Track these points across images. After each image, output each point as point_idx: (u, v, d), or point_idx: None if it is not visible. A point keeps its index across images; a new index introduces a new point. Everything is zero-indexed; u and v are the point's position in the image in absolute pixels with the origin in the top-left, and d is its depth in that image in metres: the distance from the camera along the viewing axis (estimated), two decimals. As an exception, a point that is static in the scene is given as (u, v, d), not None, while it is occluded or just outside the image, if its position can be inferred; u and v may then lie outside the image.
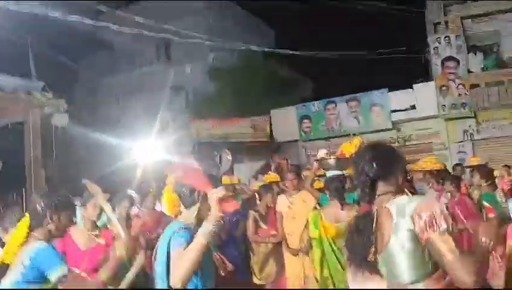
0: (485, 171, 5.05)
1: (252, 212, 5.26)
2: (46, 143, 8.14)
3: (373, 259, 1.77)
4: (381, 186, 1.88)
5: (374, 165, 1.89)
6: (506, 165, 5.80)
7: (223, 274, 3.67)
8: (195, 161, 9.73)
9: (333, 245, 4.08)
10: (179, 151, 10.92)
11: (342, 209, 4.15)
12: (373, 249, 1.77)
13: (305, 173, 6.61)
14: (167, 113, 12.90)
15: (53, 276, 2.28)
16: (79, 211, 4.75)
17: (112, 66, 15.74)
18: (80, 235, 3.45)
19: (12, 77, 7.76)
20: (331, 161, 5.23)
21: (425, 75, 11.54)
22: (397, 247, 1.72)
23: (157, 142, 9.86)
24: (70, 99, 10.29)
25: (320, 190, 5.06)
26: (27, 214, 2.45)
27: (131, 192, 6.31)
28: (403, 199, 1.82)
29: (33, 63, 9.17)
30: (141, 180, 7.25)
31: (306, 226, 4.89)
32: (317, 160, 5.16)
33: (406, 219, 1.72)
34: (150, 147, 9.64)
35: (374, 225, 1.79)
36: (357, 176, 1.95)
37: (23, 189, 7.47)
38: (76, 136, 10.24)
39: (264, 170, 10.00)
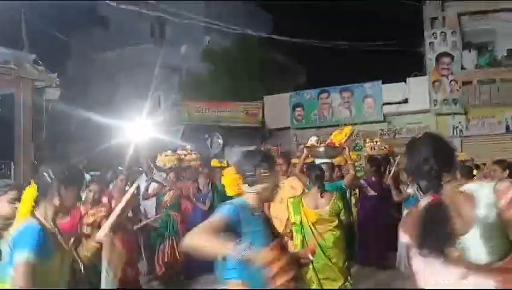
0: (465, 170, 5.06)
1: None
2: (37, 116, 8.08)
3: (453, 245, 1.83)
4: (445, 177, 1.94)
5: (439, 157, 1.94)
6: (500, 161, 5.05)
7: None
8: (185, 142, 9.76)
9: (313, 230, 4.21)
10: (169, 131, 10.92)
11: (322, 197, 4.28)
12: (453, 235, 1.83)
13: (294, 160, 6.70)
14: (159, 93, 12.84)
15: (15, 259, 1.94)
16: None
17: (106, 42, 15.54)
18: None
19: (4, 48, 7.66)
20: (321, 149, 5.31)
21: (419, 69, 11.61)
22: (480, 228, 1.79)
23: (148, 121, 9.85)
24: (63, 74, 10.20)
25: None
26: (34, 184, 2.14)
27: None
28: (474, 184, 1.89)
29: (26, 36, 9.04)
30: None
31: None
32: (307, 147, 5.22)
33: (486, 200, 1.78)
34: (141, 126, 9.63)
35: (448, 212, 1.85)
36: (418, 167, 1.97)
37: (11, 162, 7.43)
38: (67, 111, 10.16)
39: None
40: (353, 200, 6.75)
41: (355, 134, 11.86)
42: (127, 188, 5.28)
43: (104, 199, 4.64)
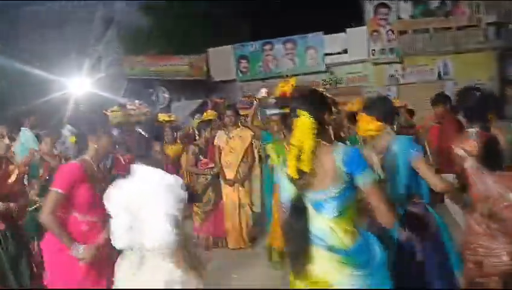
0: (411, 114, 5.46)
1: (191, 146, 5.50)
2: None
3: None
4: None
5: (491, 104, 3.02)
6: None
7: None
8: (129, 97, 9.57)
9: None
10: (112, 87, 10.59)
11: None
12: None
13: (244, 111, 6.87)
14: (98, 48, 12.25)
15: None
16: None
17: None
18: None
19: None
20: (271, 100, 5.50)
21: (359, 20, 11.91)
22: None
23: (88, 77, 9.50)
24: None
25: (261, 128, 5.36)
26: None
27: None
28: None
29: None
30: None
31: (243, 159, 5.28)
32: (259, 98, 5.38)
33: None
34: (82, 82, 9.29)
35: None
36: (477, 112, 2.92)
37: None
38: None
39: (202, 108, 10.10)
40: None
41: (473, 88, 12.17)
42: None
43: None
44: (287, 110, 6.05)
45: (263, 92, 5.57)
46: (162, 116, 8.08)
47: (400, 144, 2.60)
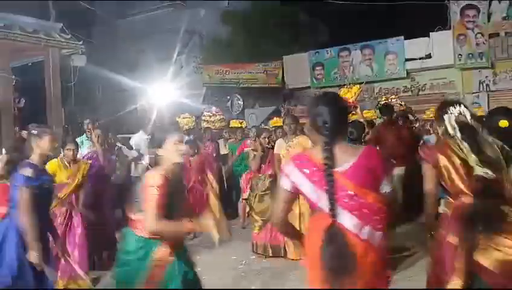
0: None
1: (258, 152, 5.64)
2: (65, 83, 8.53)
3: None
4: None
5: None
6: None
7: None
8: (207, 104, 10.04)
9: None
10: (191, 95, 11.22)
11: None
12: None
13: (303, 119, 6.86)
14: (181, 57, 13.05)
15: None
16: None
17: (128, 8, 15.71)
18: None
19: (32, 18, 8.04)
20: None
21: (443, 23, 11.24)
22: None
23: (170, 85, 10.17)
24: (89, 41, 10.55)
25: None
26: None
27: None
28: None
29: (52, 5, 9.38)
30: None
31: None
32: None
33: None
34: (164, 90, 9.98)
35: None
36: None
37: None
38: (94, 77, 10.59)
39: (275, 115, 10.26)
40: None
41: (376, 92, 11.87)
42: None
43: None
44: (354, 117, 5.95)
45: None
46: (234, 123, 8.41)
47: None
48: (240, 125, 8.11)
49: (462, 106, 2.59)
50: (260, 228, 5.39)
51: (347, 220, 1.81)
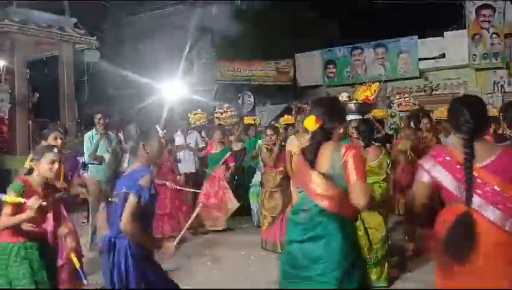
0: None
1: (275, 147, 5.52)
2: (78, 77, 8.58)
3: None
4: None
5: None
6: None
7: None
8: (218, 101, 10.03)
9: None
10: (203, 91, 11.22)
11: (369, 152, 4.26)
12: None
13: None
14: (192, 54, 13.05)
15: None
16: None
17: (140, 5, 15.74)
18: None
19: (47, 13, 8.10)
20: (351, 105, 5.39)
21: (458, 22, 11.11)
22: None
23: (182, 81, 10.17)
24: (101, 37, 10.61)
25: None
26: None
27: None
28: None
29: (67, 2, 9.43)
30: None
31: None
32: None
33: None
34: (176, 86, 9.99)
35: None
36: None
37: (57, 120, 8.02)
38: (106, 73, 10.64)
39: (285, 112, 10.21)
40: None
41: (389, 91, 11.77)
42: None
43: None
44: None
45: (344, 96, 5.47)
46: (248, 120, 8.39)
47: None
48: (254, 122, 8.10)
49: None
50: (270, 225, 5.38)
51: (490, 213, 1.97)
